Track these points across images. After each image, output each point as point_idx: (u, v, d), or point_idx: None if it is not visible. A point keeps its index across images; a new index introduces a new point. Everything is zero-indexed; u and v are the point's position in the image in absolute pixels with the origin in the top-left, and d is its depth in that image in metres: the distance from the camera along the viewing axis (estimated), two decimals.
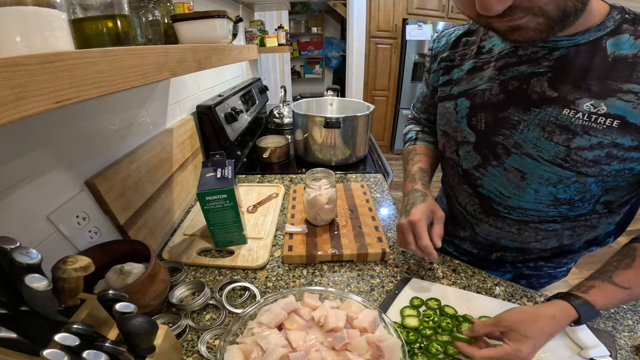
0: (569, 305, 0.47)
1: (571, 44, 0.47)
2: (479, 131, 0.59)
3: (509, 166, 0.58)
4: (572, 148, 0.49)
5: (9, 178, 0.44)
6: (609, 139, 0.46)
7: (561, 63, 0.48)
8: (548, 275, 0.72)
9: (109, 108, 0.64)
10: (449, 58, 0.65)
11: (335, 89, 3.58)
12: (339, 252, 0.71)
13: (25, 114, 0.20)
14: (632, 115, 0.44)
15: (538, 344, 0.44)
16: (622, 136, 0.45)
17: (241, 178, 1.13)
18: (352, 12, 3.11)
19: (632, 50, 0.43)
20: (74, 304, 0.41)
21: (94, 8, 0.37)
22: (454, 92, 0.63)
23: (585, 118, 0.47)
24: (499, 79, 0.55)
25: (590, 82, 0.46)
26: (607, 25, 0.45)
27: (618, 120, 0.45)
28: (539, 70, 0.50)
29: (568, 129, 0.48)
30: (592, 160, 0.48)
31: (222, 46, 0.61)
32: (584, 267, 2.05)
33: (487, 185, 0.63)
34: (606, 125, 0.45)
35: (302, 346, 0.46)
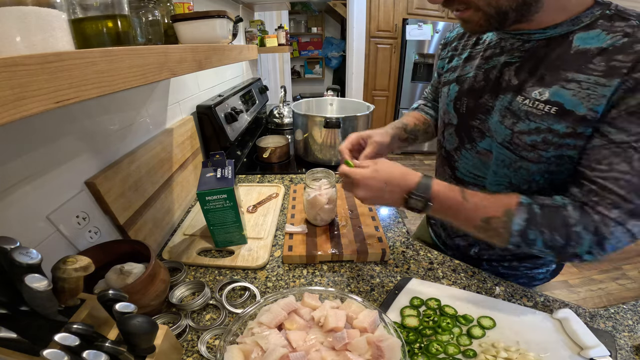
0: (419, 175, 0.53)
1: (542, 37, 0.49)
2: (460, 114, 0.64)
3: (481, 149, 0.61)
4: (515, 132, 0.52)
5: (9, 178, 0.44)
6: (545, 124, 0.49)
7: (529, 54, 0.51)
8: (526, 276, 0.72)
9: (109, 108, 0.64)
10: (454, 47, 0.69)
11: (335, 89, 3.58)
12: (339, 252, 0.71)
13: (25, 114, 0.20)
14: (570, 102, 0.46)
15: (376, 176, 0.53)
16: (558, 122, 0.47)
17: (241, 178, 1.13)
18: (352, 12, 3.12)
19: (597, 44, 0.45)
20: (74, 304, 0.41)
21: (94, 8, 0.37)
22: (450, 78, 0.67)
23: (530, 104, 0.50)
24: (483, 68, 0.59)
25: (544, 72, 0.49)
26: (583, 20, 0.46)
27: (556, 107, 0.47)
28: (511, 60, 0.54)
29: (516, 114, 0.52)
30: (530, 145, 0.51)
31: (222, 46, 0.61)
32: (584, 267, 2.05)
33: (462, 168, 0.67)
34: (544, 112, 0.48)
35: (302, 346, 0.46)
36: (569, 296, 1.82)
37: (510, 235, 0.48)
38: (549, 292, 0.60)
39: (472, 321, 0.56)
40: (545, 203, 0.48)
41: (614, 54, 0.43)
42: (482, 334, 0.53)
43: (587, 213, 0.46)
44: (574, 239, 0.45)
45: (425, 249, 0.76)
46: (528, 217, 0.47)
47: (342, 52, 4.39)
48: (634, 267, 2.06)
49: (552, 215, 0.46)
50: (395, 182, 0.53)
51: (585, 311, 0.59)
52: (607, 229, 0.44)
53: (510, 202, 0.49)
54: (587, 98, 0.44)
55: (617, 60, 0.42)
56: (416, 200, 0.52)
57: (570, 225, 0.45)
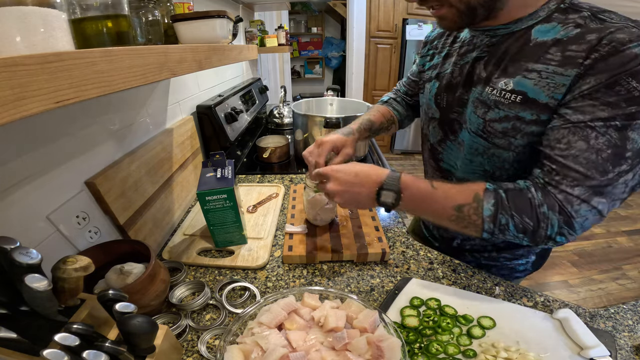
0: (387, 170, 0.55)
1: (506, 32, 0.53)
2: (442, 108, 0.67)
3: (461, 139, 0.64)
4: (487, 120, 0.55)
5: (9, 178, 0.44)
6: (513, 112, 0.52)
7: (494, 48, 0.55)
8: (506, 267, 0.74)
9: (109, 108, 0.64)
10: (435, 46, 0.72)
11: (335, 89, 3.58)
12: (339, 252, 0.71)
13: (25, 114, 0.20)
14: (533, 91, 0.49)
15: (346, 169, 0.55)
16: (523, 110, 0.50)
17: (241, 178, 1.13)
18: (352, 12, 3.11)
19: (553, 36, 0.47)
20: (74, 304, 0.41)
21: (94, 8, 0.37)
22: (432, 75, 0.70)
23: (497, 94, 0.53)
24: (459, 64, 0.62)
25: (507, 64, 0.52)
26: (540, 15, 0.49)
27: (520, 96, 0.50)
28: (481, 56, 0.57)
29: (486, 103, 0.55)
30: (501, 132, 0.54)
31: (222, 46, 0.61)
32: (584, 267, 2.05)
33: (446, 159, 0.70)
34: (511, 100, 0.51)
35: (302, 346, 0.46)
36: (569, 296, 1.82)
37: (483, 221, 0.48)
38: (549, 292, 0.60)
39: (472, 321, 0.56)
40: (508, 187, 0.49)
41: (568, 44, 0.45)
42: (482, 334, 0.53)
43: (549, 193, 0.47)
44: (542, 219, 0.46)
45: (425, 249, 0.76)
46: (495, 201, 0.48)
47: (342, 52, 4.39)
48: (634, 267, 2.06)
49: (517, 199, 0.48)
50: (364, 174, 0.54)
51: (585, 311, 0.59)
52: (572, 207, 0.45)
53: (478, 188, 0.50)
54: (547, 87, 0.47)
55: (571, 50, 0.45)
56: (387, 192, 0.52)
57: (536, 207, 0.46)
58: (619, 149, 0.42)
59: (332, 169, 0.57)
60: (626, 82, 0.40)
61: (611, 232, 2.42)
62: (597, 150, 0.43)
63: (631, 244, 2.28)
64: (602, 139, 0.43)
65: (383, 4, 3.11)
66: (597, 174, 0.44)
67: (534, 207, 0.47)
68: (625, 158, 0.43)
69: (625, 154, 0.42)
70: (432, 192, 0.51)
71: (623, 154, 0.42)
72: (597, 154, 0.43)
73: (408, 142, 3.73)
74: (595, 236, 2.37)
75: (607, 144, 0.43)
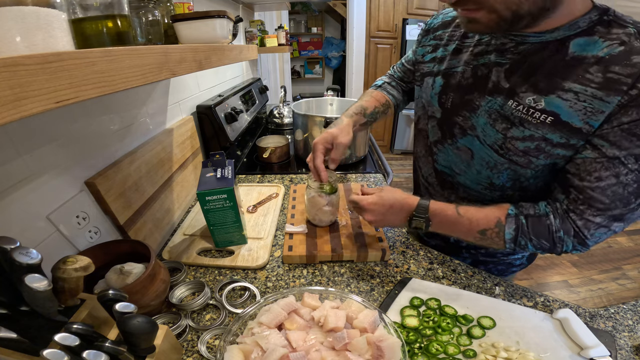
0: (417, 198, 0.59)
1: (537, 40, 0.48)
2: (445, 109, 0.63)
3: (462, 145, 0.62)
4: (508, 137, 0.52)
5: (9, 178, 0.44)
6: (540, 133, 0.49)
7: (522, 57, 0.50)
8: (504, 263, 0.75)
9: (109, 108, 0.64)
10: (439, 37, 0.67)
11: (335, 89, 3.59)
12: (339, 252, 0.71)
13: (25, 114, 0.20)
14: (567, 114, 0.45)
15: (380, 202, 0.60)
16: (553, 132, 0.47)
17: (241, 178, 1.13)
18: (352, 12, 3.11)
19: (594, 52, 0.43)
20: (74, 304, 0.41)
21: (94, 8, 0.37)
22: (434, 70, 0.66)
23: (524, 111, 0.49)
24: (472, 64, 0.58)
25: (539, 78, 0.48)
26: (580, 26, 0.45)
27: (552, 117, 0.47)
28: (501, 61, 0.53)
29: (508, 119, 0.52)
30: (522, 151, 0.52)
31: (222, 46, 0.61)
32: (584, 267, 2.05)
33: (441, 161, 0.69)
34: (540, 120, 0.48)
35: (302, 346, 0.46)
36: (569, 296, 1.82)
37: (505, 242, 0.53)
38: (549, 292, 0.60)
39: (472, 321, 0.56)
40: (529, 213, 0.52)
41: (611, 65, 0.42)
42: (482, 334, 0.53)
43: (567, 219, 0.50)
44: (558, 242, 0.50)
45: (425, 249, 0.76)
46: (516, 226, 0.52)
47: (342, 52, 4.39)
48: (634, 267, 2.06)
49: (536, 225, 0.51)
50: (398, 206, 0.60)
51: (585, 311, 0.59)
52: (588, 232, 0.49)
53: (500, 214, 0.53)
54: (584, 111, 0.44)
55: (614, 72, 0.41)
56: (418, 220, 0.57)
57: (553, 232, 0.50)
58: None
59: (368, 202, 0.61)
60: None
61: None
62: (624, 185, 0.44)
63: (631, 244, 2.28)
64: (632, 175, 0.43)
65: (383, 4, 3.11)
66: (621, 204, 0.45)
67: (551, 232, 0.50)
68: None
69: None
70: (457, 219, 0.55)
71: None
72: (624, 188, 0.44)
73: (408, 142, 3.73)
74: None
75: (634, 179, 0.43)
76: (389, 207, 0.60)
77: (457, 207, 0.56)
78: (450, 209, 0.56)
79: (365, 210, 0.62)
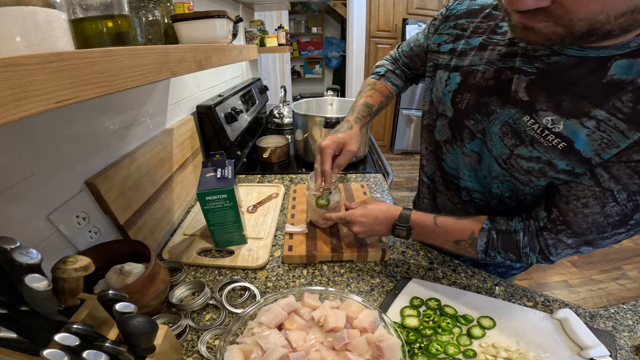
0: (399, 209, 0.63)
1: (577, 54, 0.41)
2: (458, 109, 0.58)
3: (469, 150, 0.59)
4: (514, 154, 0.49)
5: (9, 178, 0.44)
6: (548, 157, 0.45)
7: (552, 69, 0.44)
8: (504, 265, 0.75)
9: (109, 108, 0.64)
10: (461, 26, 0.59)
11: (335, 89, 3.57)
12: (339, 252, 0.71)
13: (25, 114, 0.20)
14: (582, 142, 0.41)
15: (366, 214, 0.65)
16: (561, 159, 0.44)
17: (241, 178, 1.13)
18: (352, 12, 3.11)
19: (633, 76, 0.37)
20: (74, 304, 0.41)
21: (94, 8, 0.37)
22: (451, 64, 0.59)
23: (538, 131, 0.45)
24: (497, 65, 0.51)
25: (564, 98, 0.42)
26: (630, 46, 0.37)
27: (565, 144, 0.43)
28: (526, 69, 0.47)
29: (519, 136, 0.48)
30: (525, 170, 0.49)
31: (222, 46, 0.61)
32: (584, 267, 2.05)
33: (450, 162, 0.67)
34: (552, 144, 0.44)
35: (302, 346, 0.46)
36: (569, 296, 1.81)
37: (477, 252, 0.56)
38: (549, 292, 0.60)
39: (472, 321, 0.56)
40: (501, 229, 0.55)
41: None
42: (482, 334, 0.53)
43: (537, 238, 0.51)
44: (523, 256, 0.53)
45: (425, 248, 0.76)
46: (487, 240, 0.55)
47: (342, 52, 4.39)
48: (634, 267, 2.06)
49: (506, 241, 0.54)
50: (383, 217, 0.64)
51: (585, 311, 0.59)
52: (555, 250, 0.50)
53: (475, 228, 0.56)
54: (600, 142, 0.40)
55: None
56: (400, 229, 0.62)
57: (521, 248, 0.53)
58: (626, 217, 0.42)
59: (356, 215, 0.66)
60: None
61: None
62: (607, 216, 0.43)
63: (631, 244, 2.28)
64: (617, 209, 0.42)
65: (383, 4, 3.11)
66: (596, 231, 0.46)
67: (518, 248, 0.53)
68: (627, 224, 0.43)
69: (629, 222, 0.43)
70: (435, 229, 0.60)
71: (627, 221, 0.43)
72: (606, 218, 0.44)
73: (408, 142, 3.73)
74: None
75: (618, 212, 0.42)
76: (375, 218, 0.65)
77: (435, 218, 0.60)
78: (429, 220, 0.60)
79: (354, 223, 0.66)
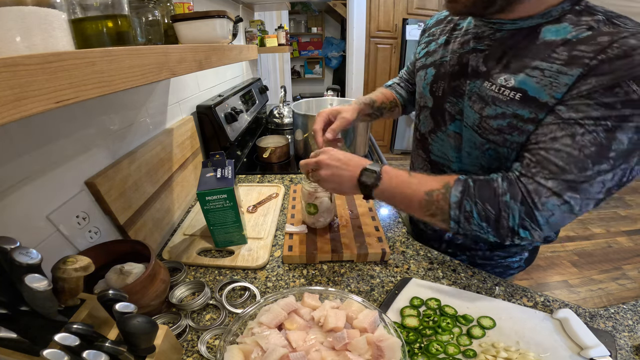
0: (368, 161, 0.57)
1: (513, 27, 0.51)
2: (436, 97, 0.66)
3: (451, 131, 0.64)
4: (483, 116, 0.55)
5: (9, 178, 0.44)
6: (511, 110, 0.51)
7: (497, 43, 0.54)
8: (501, 266, 0.76)
9: (109, 108, 0.64)
10: (432, 33, 0.71)
11: (335, 89, 3.58)
12: (339, 252, 0.71)
13: (25, 114, 0.20)
14: (534, 89, 0.48)
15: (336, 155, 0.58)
16: (522, 108, 0.49)
17: (241, 178, 1.13)
18: (352, 12, 3.11)
19: (562, 36, 0.46)
20: (74, 304, 0.41)
21: (94, 8, 0.37)
22: (427, 62, 0.69)
23: (496, 90, 0.52)
24: (458, 52, 0.61)
25: (510, 60, 0.51)
26: (552, 14, 0.48)
27: (520, 94, 0.49)
28: (481, 48, 0.56)
29: (483, 99, 0.54)
30: (496, 129, 0.54)
31: (222, 46, 0.61)
32: (584, 267, 2.05)
33: (436, 151, 0.70)
34: (509, 98, 0.50)
35: (302, 346, 0.46)
36: (569, 296, 1.82)
37: (450, 207, 0.50)
38: (549, 292, 0.60)
39: (472, 321, 0.56)
40: (479, 178, 0.51)
41: (577, 45, 0.44)
42: (482, 334, 0.53)
43: (516, 183, 0.47)
44: (504, 208, 0.47)
45: (425, 249, 0.76)
46: (462, 189, 0.50)
47: (342, 52, 4.38)
48: (634, 267, 2.06)
49: (482, 188, 0.49)
50: (352, 162, 0.58)
51: (585, 311, 0.59)
52: (539, 199, 0.45)
53: (450, 178, 0.52)
54: (550, 86, 0.46)
55: (579, 50, 0.44)
56: (369, 173, 0.55)
57: (499, 195, 0.47)
58: (603, 148, 0.42)
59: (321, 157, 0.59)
60: (627, 85, 0.39)
61: (611, 232, 2.42)
62: (580, 147, 0.43)
63: (631, 244, 2.28)
64: (589, 137, 0.42)
65: (383, 4, 3.11)
66: (575, 169, 0.43)
67: (497, 195, 0.48)
68: (608, 158, 0.42)
69: (608, 153, 0.42)
70: (408, 178, 0.54)
71: (606, 153, 0.42)
72: (580, 150, 0.43)
73: (408, 142, 3.74)
74: (595, 236, 2.37)
75: (592, 141, 0.42)
76: (344, 161, 0.58)
77: (409, 171, 0.57)
78: (402, 171, 0.56)
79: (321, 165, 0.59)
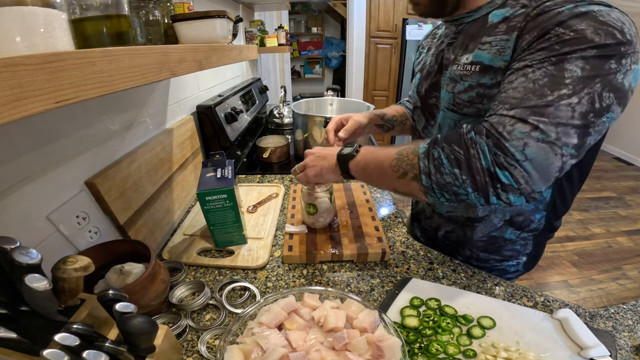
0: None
1: (469, 19, 0.60)
2: (421, 96, 0.75)
3: (440, 122, 0.69)
4: (455, 93, 0.61)
5: (9, 178, 0.44)
6: (475, 80, 0.57)
7: (459, 34, 0.62)
8: (498, 269, 0.76)
9: (109, 108, 0.64)
10: (423, 46, 0.81)
11: (335, 89, 3.58)
12: (339, 252, 0.71)
13: (25, 114, 0.20)
14: (487, 59, 0.55)
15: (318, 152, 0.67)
16: (483, 77, 0.56)
17: (241, 178, 1.13)
18: (352, 12, 3.11)
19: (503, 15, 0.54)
20: (74, 304, 0.41)
21: (94, 8, 0.37)
22: (416, 70, 0.79)
23: (461, 68, 0.60)
24: (435, 54, 0.70)
25: (468, 43, 0.59)
26: (497, 2, 0.56)
27: (479, 65, 0.56)
28: (450, 42, 0.65)
29: (454, 79, 0.62)
30: (468, 102, 0.60)
31: (222, 46, 0.61)
32: (584, 267, 2.05)
33: None
34: (472, 71, 0.57)
35: (302, 346, 0.46)
36: (569, 296, 1.82)
37: (419, 158, 0.49)
38: (549, 292, 0.60)
39: (472, 321, 0.56)
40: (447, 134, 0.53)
41: (512, 18, 0.52)
42: (482, 334, 0.53)
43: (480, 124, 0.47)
44: (471, 145, 0.45)
45: (425, 249, 0.76)
46: (430, 141, 0.50)
47: (342, 52, 4.39)
48: (634, 267, 2.06)
49: (449, 135, 0.49)
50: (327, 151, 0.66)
51: (585, 311, 0.59)
52: (504, 128, 0.44)
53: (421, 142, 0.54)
54: (498, 52, 0.53)
55: (514, 21, 0.52)
56: (347, 148, 0.62)
57: (464, 134, 0.47)
58: (556, 77, 0.43)
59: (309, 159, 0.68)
60: (554, 31, 0.45)
61: (611, 232, 2.42)
62: (534, 80, 0.45)
63: (631, 244, 2.28)
64: (539, 72, 0.45)
65: (383, 4, 3.11)
66: (534, 97, 0.44)
67: (462, 135, 0.47)
68: (565, 84, 0.42)
69: (563, 80, 0.43)
70: (382, 147, 0.60)
71: (561, 80, 0.43)
72: (534, 82, 0.45)
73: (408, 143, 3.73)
74: (595, 236, 2.37)
75: (543, 74, 0.45)
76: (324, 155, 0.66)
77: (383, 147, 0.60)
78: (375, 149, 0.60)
79: (306, 162, 0.68)
